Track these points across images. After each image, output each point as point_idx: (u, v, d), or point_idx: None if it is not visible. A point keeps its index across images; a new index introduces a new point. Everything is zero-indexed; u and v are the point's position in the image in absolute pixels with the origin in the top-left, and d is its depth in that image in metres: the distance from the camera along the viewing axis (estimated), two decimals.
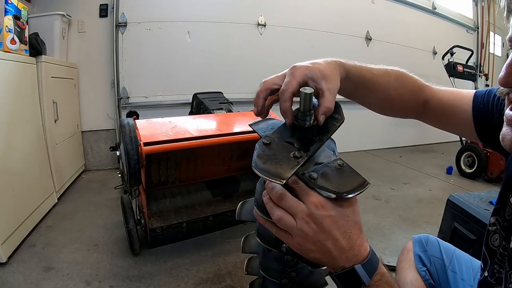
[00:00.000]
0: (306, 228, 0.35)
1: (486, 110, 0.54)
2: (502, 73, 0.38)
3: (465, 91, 0.60)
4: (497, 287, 0.48)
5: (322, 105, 0.41)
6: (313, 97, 0.40)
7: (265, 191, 0.39)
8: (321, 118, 0.41)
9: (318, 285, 0.55)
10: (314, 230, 0.36)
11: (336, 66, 0.48)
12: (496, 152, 2.60)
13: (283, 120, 0.43)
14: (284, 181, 0.35)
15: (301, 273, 0.54)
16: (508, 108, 0.40)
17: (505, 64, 0.38)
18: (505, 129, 0.40)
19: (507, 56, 0.39)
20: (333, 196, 0.36)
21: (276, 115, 0.59)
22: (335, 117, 0.43)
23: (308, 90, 0.37)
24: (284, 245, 0.48)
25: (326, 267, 0.40)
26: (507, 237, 0.47)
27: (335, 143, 0.44)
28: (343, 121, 0.42)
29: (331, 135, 0.41)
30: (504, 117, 0.41)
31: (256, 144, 0.39)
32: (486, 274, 0.51)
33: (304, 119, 0.39)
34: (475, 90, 0.58)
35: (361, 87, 0.54)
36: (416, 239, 0.76)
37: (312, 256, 0.38)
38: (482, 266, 0.53)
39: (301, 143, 0.39)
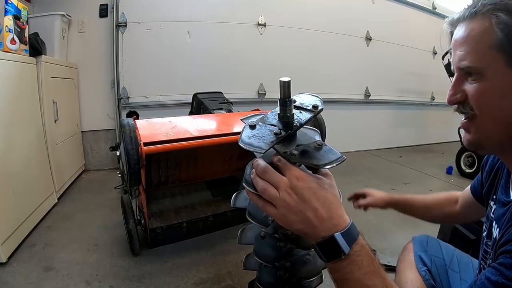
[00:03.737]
0: (288, 199, 0.38)
1: (478, 188, 0.70)
2: (449, 93, 0.53)
3: (465, 191, 0.78)
4: None
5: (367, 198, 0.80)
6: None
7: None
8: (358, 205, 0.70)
9: (312, 274, 0.57)
10: (296, 201, 0.38)
11: (386, 195, 0.80)
12: None
13: (273, 111, 0.47)
14: (264, 151, 0.40)
15: (295, 264, 0.57)
16: (462, 119, 0.52)
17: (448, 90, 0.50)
18: (464, 135, 0.53)
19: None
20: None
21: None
22: (310, 109, 0.46)
23: (286, 78, 0.41)
24: (270, 219, 0.53)
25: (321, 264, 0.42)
26: (488, 235, 0.52)
27: (319, 135, 0.48)
28: (321, 110, 0.45)
29: (311, 118, 0.45)
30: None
31: (243, 128, 0.45)
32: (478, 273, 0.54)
33: (285, 105, 0.42)
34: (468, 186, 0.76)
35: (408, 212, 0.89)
36: (416, 239, 0.76)
37: (296, 228, 0.40)
38: (480, 267, 0.54)
39: (282, 125, 0.43)
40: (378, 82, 3.82)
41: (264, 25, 3.17)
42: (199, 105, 2.10)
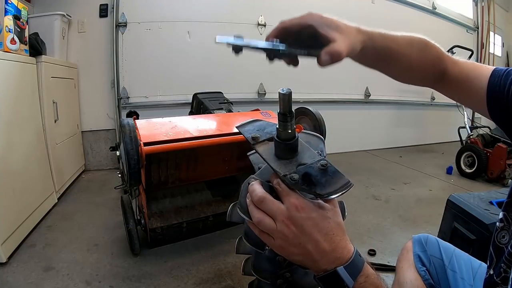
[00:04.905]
0: (286, 231, 0.35)
1: (501, 91, 0.50)
2: None
3: (485, 66, 0.56)
4: (503, 286, 0.46)
5: (330, 46, 0.39)
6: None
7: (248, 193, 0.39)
8: (323, 58, 0.38)
9: (312, 285, 0.55)
10: (295, 233, 0.35)
11: (358, 30, 0.45)
12: (496, 152, 2.58)
13: (270, 122, 0.43)
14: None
15: (295, 274, 0.54)
16: None
17: None
18: None
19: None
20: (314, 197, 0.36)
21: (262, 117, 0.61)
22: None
23: (286, 90, 0.36)
24: (267, 247, 0.48)
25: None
26: None
27: (324, 143, 0.44)
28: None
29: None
30: None
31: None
32: (491, 272, 0.49)
33: (285, 121, 0.37)
34: (494, 67, 0.54)
35: (384, 57, 0.52)
36: (416, 239, 0.76)
37: (295, 259, 0.37)
38: (488, 264, 0.51)
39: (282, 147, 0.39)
40: (378, 82, 3.81)
41: (264, 25, 3.17)
42: (199, 105, 2.10)
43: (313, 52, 0.40)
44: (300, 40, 0.44)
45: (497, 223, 0.51)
